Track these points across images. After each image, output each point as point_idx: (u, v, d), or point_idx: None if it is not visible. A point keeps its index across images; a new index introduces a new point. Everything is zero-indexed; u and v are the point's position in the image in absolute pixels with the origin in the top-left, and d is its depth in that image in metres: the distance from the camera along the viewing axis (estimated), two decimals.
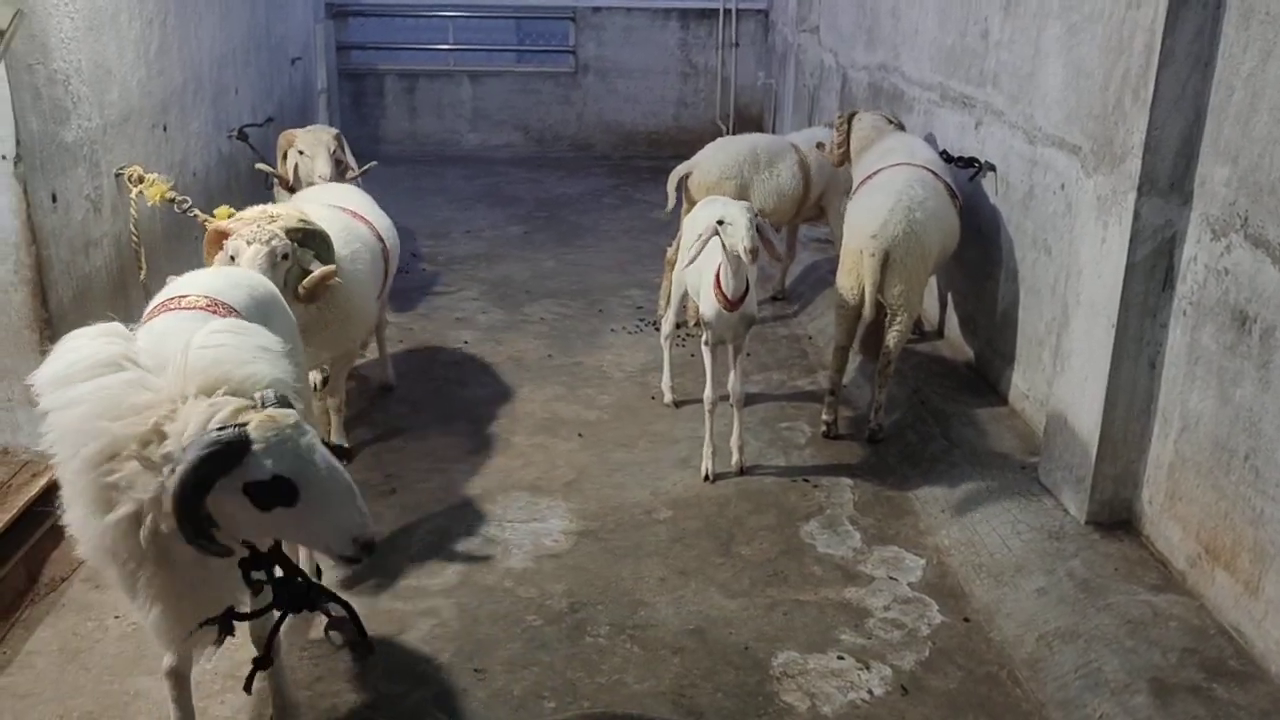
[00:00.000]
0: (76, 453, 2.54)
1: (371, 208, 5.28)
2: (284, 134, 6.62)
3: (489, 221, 9.72)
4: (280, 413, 2.51)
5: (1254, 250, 3.72)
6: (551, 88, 12.29)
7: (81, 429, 2.54)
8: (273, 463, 2.43)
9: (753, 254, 4.53)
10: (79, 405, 2.56)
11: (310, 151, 6.42)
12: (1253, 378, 3.73)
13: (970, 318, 6.34)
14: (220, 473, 2.42)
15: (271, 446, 2.44)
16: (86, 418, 2.54)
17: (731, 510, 4.96)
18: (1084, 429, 4.51)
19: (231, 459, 2.41)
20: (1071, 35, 5.05)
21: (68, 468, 2.60)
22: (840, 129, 6.58)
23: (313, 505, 2.50)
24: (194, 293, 3.27)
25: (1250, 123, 3.74)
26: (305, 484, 2.47)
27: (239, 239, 4.15)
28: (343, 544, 2.55)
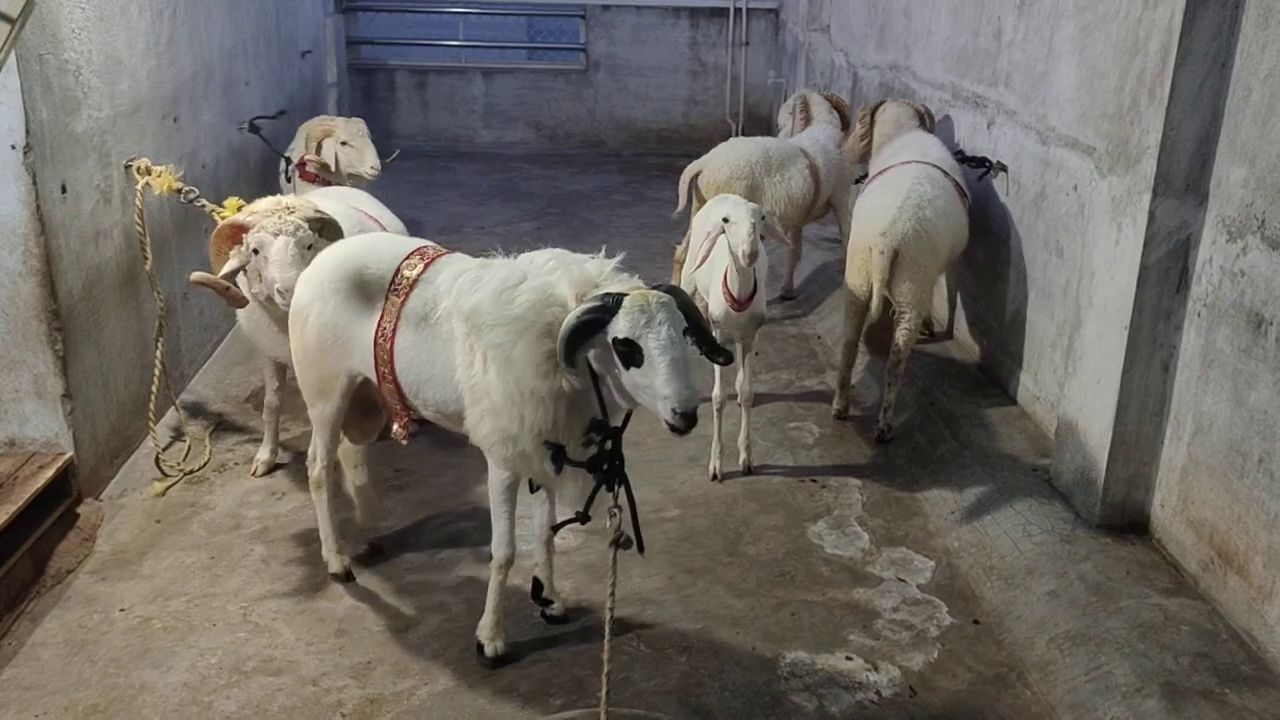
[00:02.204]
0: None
1: (381, 209, 5.26)
2: (317, 124, 6.66)
3: (502, 217, 9.71)
4: (654, 294, 3.06)
5: (1271, 252, 3.69)
6: (563, 85, 12.28)
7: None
8: (626, 326, 2.98)
9: (750, 258, 4.51)
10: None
11: (357, 143, 6.51)
12: (1268, 380, 3.69)
13: (980, 319, 6.31)
14: (596, 324, 3.01)
15: (629, 314, 2.98)
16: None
17: (739, 510, 4.94)
18: (1096, 432, 4.48)
19: (606, 314, 3.00)
20: (1085, 35, 5.01)
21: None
22: (863, 122, 6.56)
23: (650, 370, 2.98)
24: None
25: (1269, 123, 3.71)
26: (647, 350, 2.97)
27: (262, 232, 4.16)
28: (666, 409, 2.99)
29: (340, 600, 4.19)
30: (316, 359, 3.90)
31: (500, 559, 3.75)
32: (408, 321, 3.61)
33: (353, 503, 4.48)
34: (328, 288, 3.79)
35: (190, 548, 4.52)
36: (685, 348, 3.06)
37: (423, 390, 3.64)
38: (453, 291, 3.40)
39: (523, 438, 3.33)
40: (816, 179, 6.99)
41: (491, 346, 3.25)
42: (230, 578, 4.32)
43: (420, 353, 3.58)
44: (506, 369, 3.24)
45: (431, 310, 3.53)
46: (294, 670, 3.79)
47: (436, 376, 3.55)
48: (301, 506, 4.79)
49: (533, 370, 3.21)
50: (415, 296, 3.61)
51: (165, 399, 5.23)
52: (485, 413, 3.40)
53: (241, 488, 4.98)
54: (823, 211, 7.32)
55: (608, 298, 3.04)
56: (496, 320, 3.22)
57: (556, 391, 3.24)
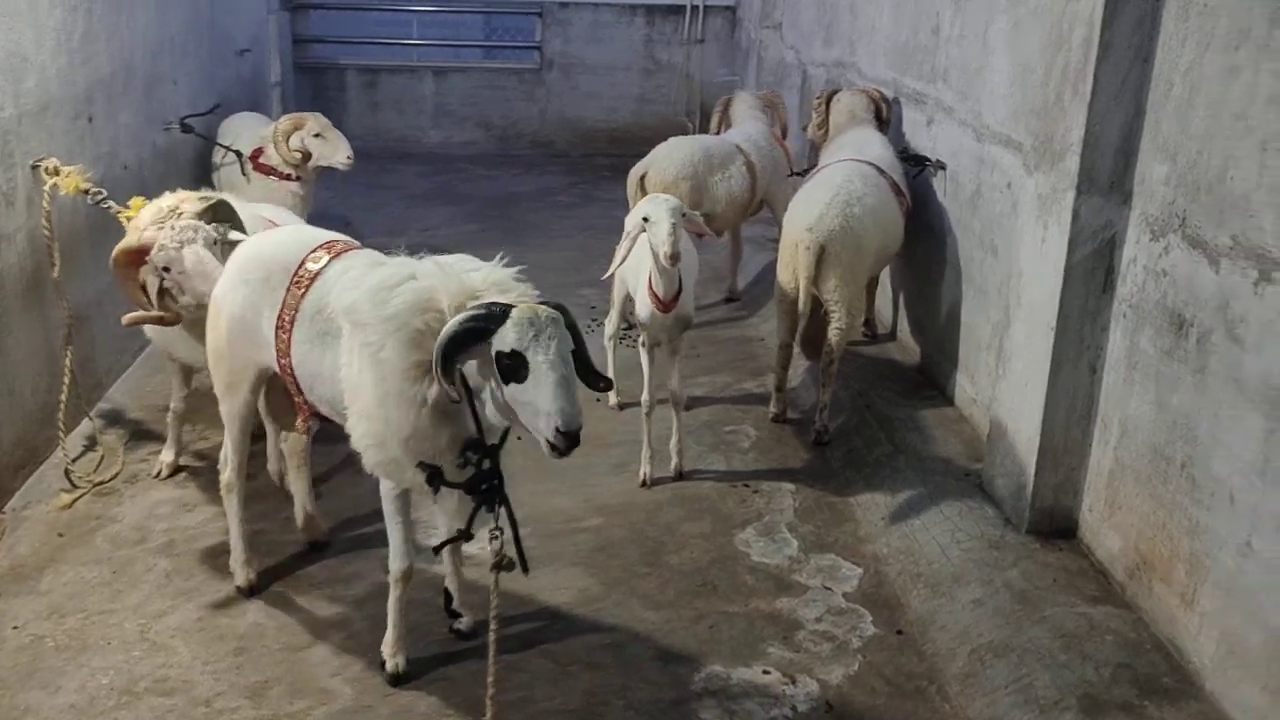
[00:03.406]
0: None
1: (286, 216, 5.09)
2: (289, 117, 6.71)
3: (445, 219, 9.55)
4: (544, 308, 2.94)
5: (1191, 251, 3.60)
6: (515, 84, 12.13)
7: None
8: (514, 338, 2.84)
9: (671, 258, 4.40)
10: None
11: (329, 134, 6.59)
12: (1189, 383, 3.60)
13: (919, 319, 6.21)
14: (479, 334, 2.87)
15: (518, 326, 2.85)
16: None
17: (664, 517, 4.81)
18: (1025, 435, 4.38)
19: (491, 324, 2.86)
20: (1017, 30, 4.92)
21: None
22: (819, 110, 6.46)
23: (538, 386, 2.85)
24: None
25: (1188, 118, 3.62)
26: (533, 364, 2.84)
27: (164, 250, 4.00)
28: (547, 426, 2.86)
29: (242, 616, 4.03)
30: (228, 352, 3.81)
31: (397, 571, 3.61)
32: (305, 315, 3.50)
33: (266, 516, 4.34)
34: (237, 279, 3.73)
35: (92, 562, 4.35)
36: (572, 366, 2.96)
37: (316, 386, 3.54)
38: (337, 287, 3.30)
39: (390, 443, 3.21)
40: (754, 175, 6.96)
41: (363, 345, 3.15)
42: (131, 593, 4.15)
43: (314, 348, 3.48)
44: (375, 369, 3.13)
45: (325, 305, 3.41)
46: (187, 691, 3.63)
47: (325, 373, 3.44)
48: (211, 519, 4.63)
49: (400, 374, 3.09)
50: (315, 291, 3.50)
51: (77, 408, 5.06)
52: (359, 414, 3.29)
53: (151, 499, 4.81)
54: (758, 208, 7.24)
55: (494, 307, 2.91)
56: (369, 318, 3.11)
57: (423, 399, 3.10)
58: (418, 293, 3.10)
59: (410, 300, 3.07)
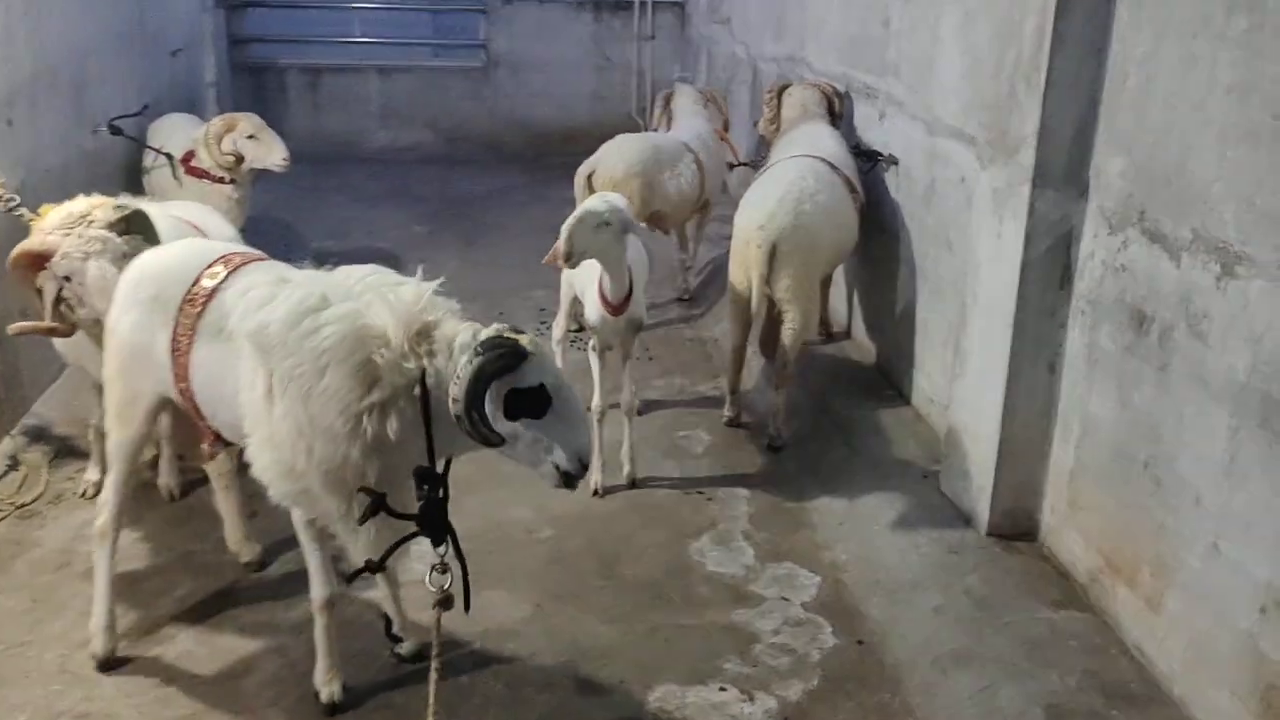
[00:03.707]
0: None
1: (217, 222, 4.80)
2: (220, 119, 6.46)
3: (392, 221, 9.30)
4: (536, 338, 2.86)
5: (1150, 245, 3.50)
6: (462, 83, 11.87)
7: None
8: (539, 374, 2.78)
9: (565, 258, 4.19)
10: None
11: (264, 136, 6.37)
12: (1151, 381, 3.50)
13: (875, 318, 6.11)
14: (502, 373, 2.72)
15: (541, 360, 2.80)
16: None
17: (619, 527, 4.66)
18: (983, 435, 4.28)
19: (513, 362, 2.73)
20: (968, 21, 4.82)
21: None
22: (770, 105, 6.34)
23: (557, 420, 2.81)
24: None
25: (1145, 110, 3.52)
26: (559, 399, 2.81)
27: (68, 258, 3.73)
28: (571, 460, 2.85)
29: (171, 643, 3.82)
30: (119, 380, 3.53)
31: (320, 600, 3.42)
32: (204, 335, 3.25)
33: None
34: (128, 300, 3.44)
35: (10, 590, 4.10)
36: None
37: (217, 411, 3.29)
38: (240, 307, 3.04)
39: (309, 475, 2.97)
40: (702, 173, 6.88)
41: (288, 378, 2.88)
42: (52, 622, 3.92)
43: (214, 369, 3.22)
44: (302, 403, 2.88)
45: (226, 323, 3.18)
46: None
47: (227, 396, 3.18)
48: (139, 540, 4.41)
49: (337, 409, 2.86)
50: (214, 308, 3.25)
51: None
52: (264, 442, 3.04)
53: (76, 520, 4.56)
54: (703, 206, 7.16)
55: (509, 340, 2.75)
56: (295, 349, 2.86)
57: (362, 433, 2.88)
58: (349, 319, 2.87)
59: (345, 329, 2.85)
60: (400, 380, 2.83)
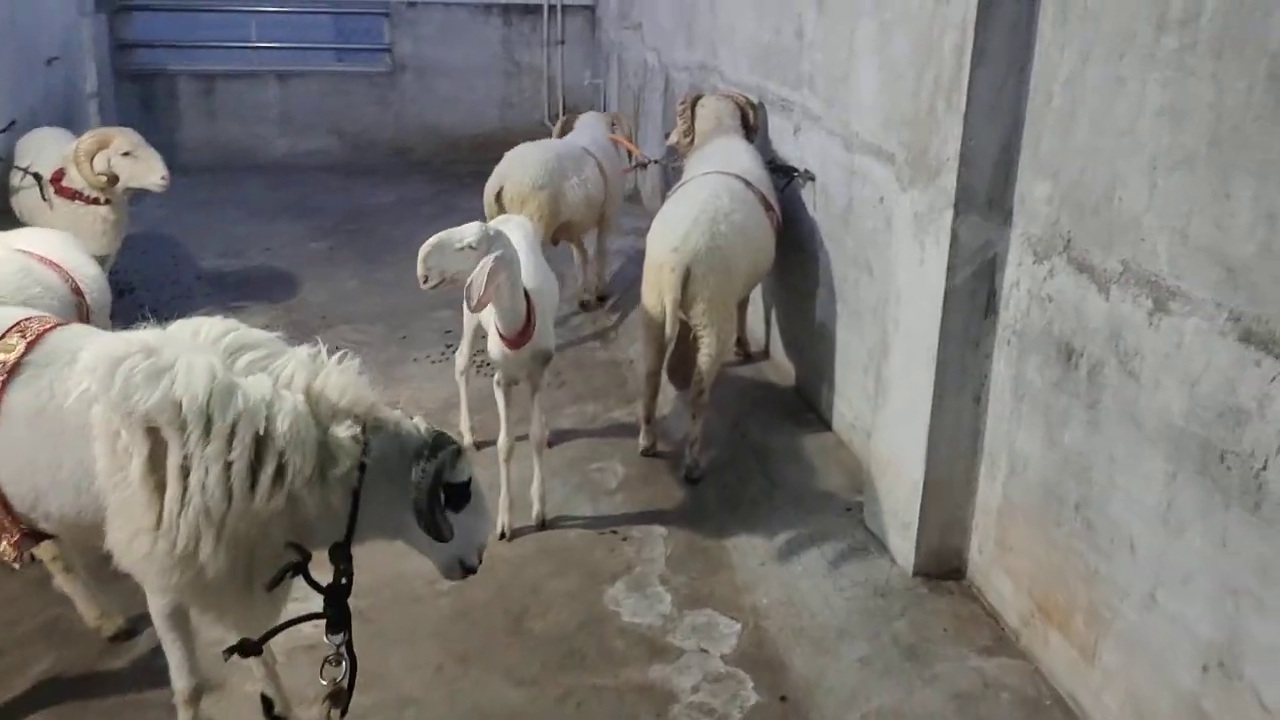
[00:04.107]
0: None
1: (72, 254, 4.27)
2: (92, 134, 6.01)
3: (290, 236, 8.87)
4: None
5: (1078, 276, 3.32)
6: (366, 89, 11.45)
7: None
8: (468, 470, 2.78)
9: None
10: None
11: (141, 153, 5.95)
12: (1081, 419, 3.33)
13: (793, 339, 5.91)
14: (450, 467, 2.70)
15: (470, 456, 2.84)
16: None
17: (528, 574, 4.37)
18: (907, 470, 4.08)
19: (455, 459, 2.73)
20: (884, 34, 4.62)
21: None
22: (684, 116, 6.10)
23: (470, 514, 2.82)
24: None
25: (1071, 133, 3.34)
26: (475, 494, 2.84)
27: None
28: (477, 554, 2.94)
29: None
30: None
31: (185, 690, 3.09)
32: (12, 418, 2.79)
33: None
34: None
35: None
36: None
37: (43, 500, 2.84)
38: (115, 381, 2.56)
39: (214, 562, 2.63)
40: (605, 177, 6.78)
41: (212, 461, 2.54)
42: None
43: (39, 455, 2.79)
44: (221, 486, 2.56)
45: (50, 401, 2.78)
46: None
47: (65, 482, 2.77)
48: None
49: (270, 493, 2.60)
50: (23, 384, 2.80)
51: None
52: (145, 532, 2.65)
53: None
54: (601, 215, 7.01)
55: (443, 437, 2.75)
56: (225, 431, 2.54)
57: (285, 513, 2.65)
58: (295, 404, 2.63)
59: (299, 411, 2.62)
60: (351, 461, 2.67)
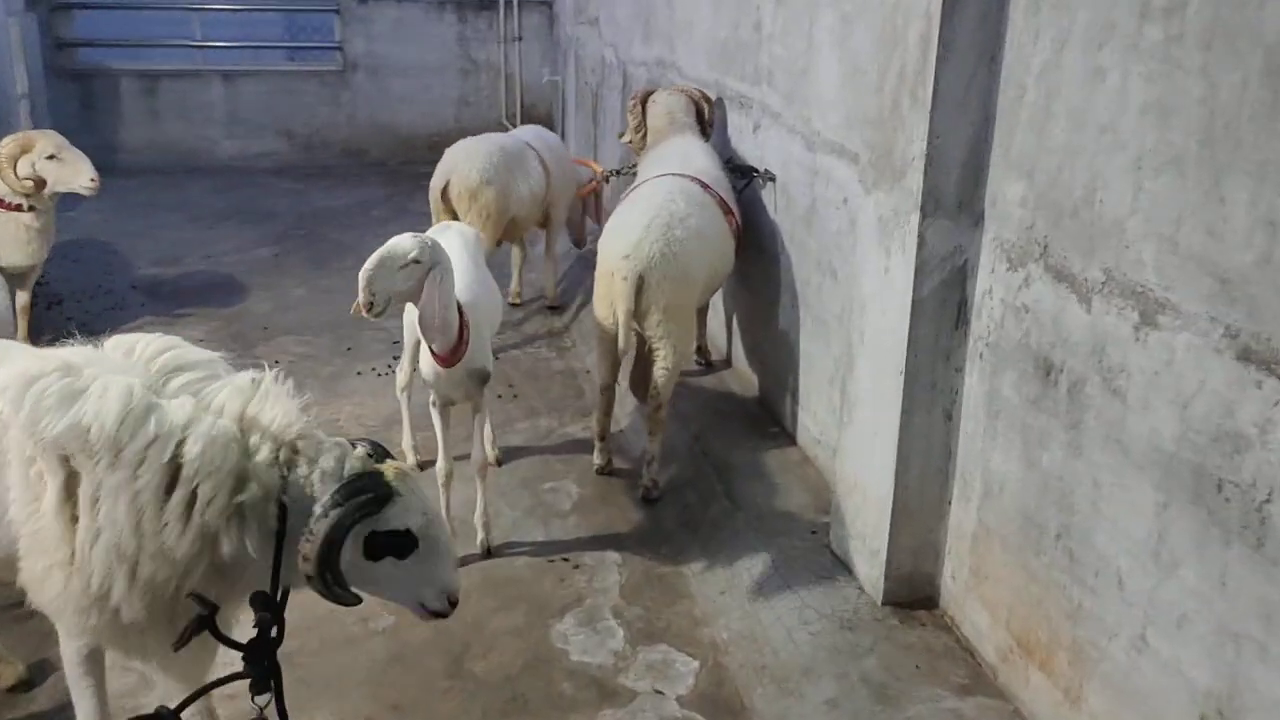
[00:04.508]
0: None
1: None
2: (13, 138, 5.73)
3: (235, 243, 8.49)
4: (407, 466, 2.64)
5: (1056, 285, 3.06)
6: (317, 88, 11.07)
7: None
8: (404, 518, 2.44)
9: (366, 309, 3.61)
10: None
11: (67, 155, 5.71)
12: (1061, 440, 3.06)
13: (756, 347, 5.62)
14: (364, 520, 2.38)
15: (408, 500, 2.45)
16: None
17: (471, 609, 4.05)
18: (875, 491, 3.81)
19: (376, 509, 2.39)
20: (845, 25, 4.35)
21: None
22: (634, 112, 5.81)
23: (422, 560, 2.51)
24: None
25: (1046, 128, 3.07)
26: (424, 539, 2.49)
27: None
28: (438, 599, 2.59)
29: None
30: None
31: None
32: None
33: None
34: None
35: None
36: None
37: None
38: (24, 406, 2.34)
39: (130, 602, 2.40)
40: (547, 172, 6.56)
41: (119, 491, 2.31)
42: None
43: None
44: (132, 519, 2.32)
45: None
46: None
47: None
48: None
49: (182, 526, 2.34)
50: None
51: None
52: (57, 567, 2.42)
53: None
54: (546, 213, 6.82)
55: (370, 481, 2.40)
56: (135, 459, 2.30)
57: (204, 553, 2.39)
58: (212, 427, 2.37)
59: (214, 437, 2.35)
60: (265, 492, 2.41)
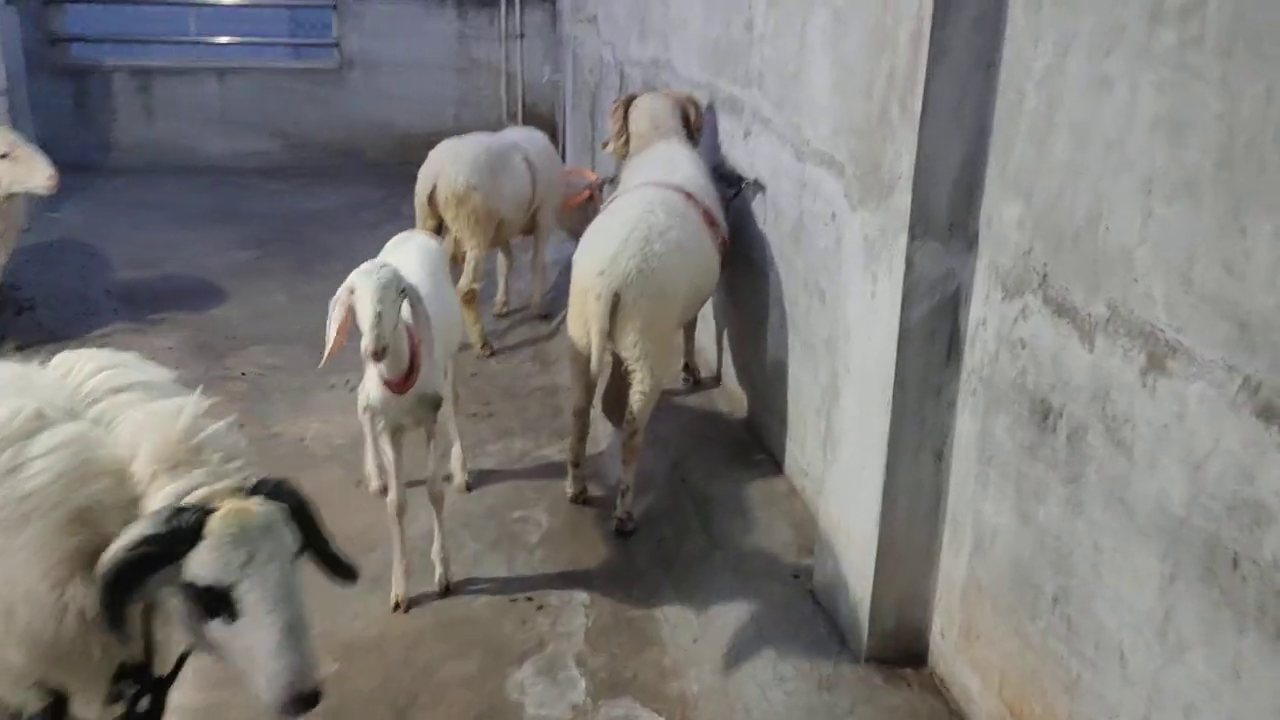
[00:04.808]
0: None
1: None
2: None
3: (216, 245, 8.21)
4: (256, 510, 2.06)
5: (1056, 320, 2.72)
6: (311, 86, 10.80)
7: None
8: (211, 569, 2.00)
9: (375, 354, 3.36)
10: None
11: (20, 153, 5.51)
12: (1059, 494, 2.72)
13: (745, 366, 5.29)
14: (162, 561, 2.00)
15: (219, 548, 1.99)
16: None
17: (422, 654, 3.75)
18: (859, 535, 3.48)
19: (177, 546, 1.99)
20: (838, 25, 4.01)
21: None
22: (616, 117, 5.50)
23: (247, 632, 2.02)
24: None
25: (1047, 142, 2.74)
26: (243, 604, 2.01)
27: None
28: (270, 689, 2.02)
29: None
30: None
31: None
32: None
33: None
34: None
35: None
36: (299, 599, 2.07)
37: None
38: None
39: (6, 649, 2.14)
40: (533, 173, 6.34)
41: None
42: None
43: None
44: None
45: None
46: None
47: None
48: None
49: (40, 572, 2.07)
50: None
51: None
52: None
53: None
54: (533, 217, 6.58)
55: (181, 517, 2.01)
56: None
57: (66, 605, 2.10)
58: (72, 447, 2.09)
59: (62, 467, 2.05)
60: (102, 538, 2.06)
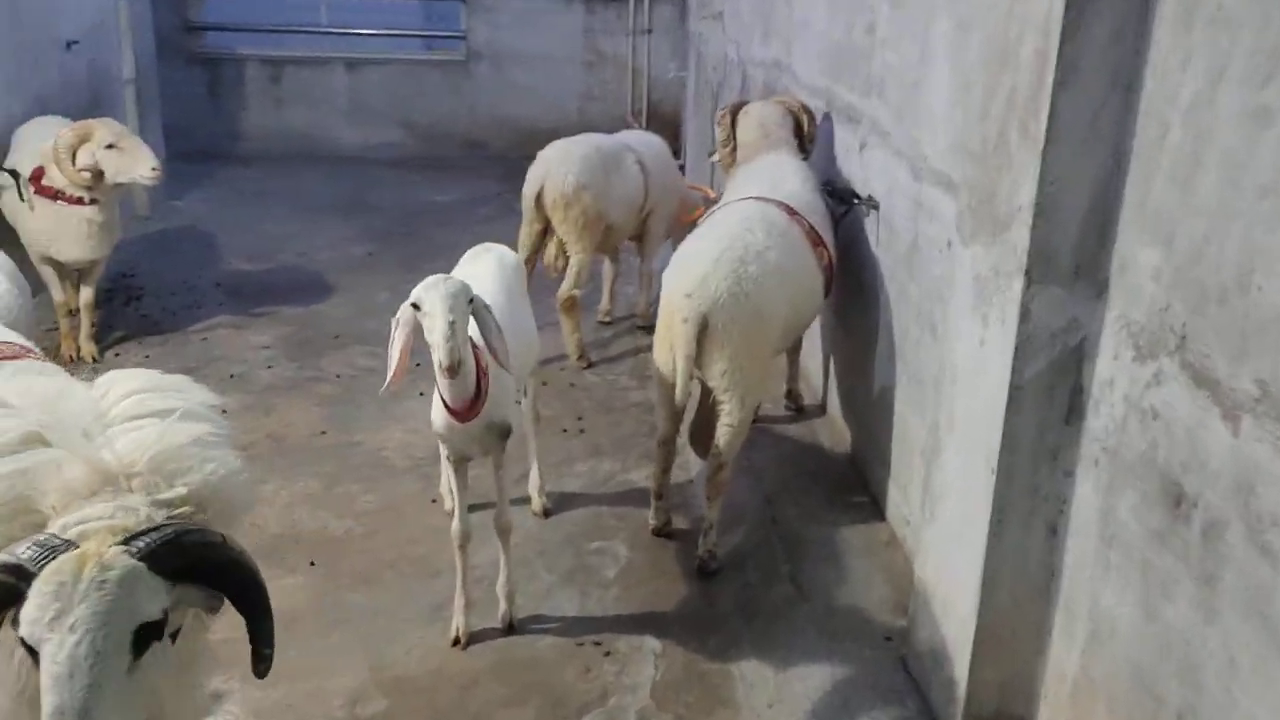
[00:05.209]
0: None
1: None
2: (73, 128, 5.52)
3: (331, 238, 8.22)
4: (109, 560, 1.75)
5: (1194, 390, 2.30)
6: (440, 78, 10.78)
7: None
8: (26, 619, 1.73)
9: (449, 370, 3.15)
10: None
11: (126, 144, 5.51)
12: (1190, 594, 2.31)
13: (851, 396, 4.92)
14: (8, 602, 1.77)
15: (40, 595, 1.73)
16: None
17: (476, 699, 3.53)
18: (958, 606, 3.11)
19: (19, 582, 1.74)
20: (961, 32, 3.61)
21: None
22: (723, 124, 5.20)
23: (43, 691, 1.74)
24: None
25: (1192, 182, 2.32)
26: (43, 661, 1.71)
27: None
28: None
29: None
30: None
31: None
32: None
33: None
34: None
35: None
36: (114, 672, 1.72)
37: None
38: None
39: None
40: (645, 175, 6.12)
41: None
42: None
43: None
44: None
45: None
46: None
47: None
48: None
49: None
50: None
51: None
52: None
53: None
54: (644, 222, 6.36)
55: (32, 550, 1.77)
56: None
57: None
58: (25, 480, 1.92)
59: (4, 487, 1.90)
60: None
